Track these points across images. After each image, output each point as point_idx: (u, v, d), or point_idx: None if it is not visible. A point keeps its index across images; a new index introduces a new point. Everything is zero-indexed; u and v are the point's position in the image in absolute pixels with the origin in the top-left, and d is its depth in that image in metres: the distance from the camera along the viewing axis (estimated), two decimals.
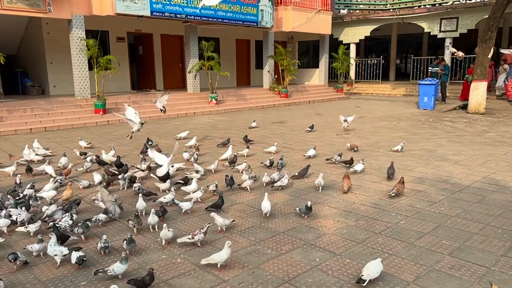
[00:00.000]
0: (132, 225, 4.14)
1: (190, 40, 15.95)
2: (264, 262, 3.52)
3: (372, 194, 5.35)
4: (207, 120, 12.99)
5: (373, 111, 15.06)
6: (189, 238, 3.80)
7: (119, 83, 15.89)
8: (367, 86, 23.54)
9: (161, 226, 3.95)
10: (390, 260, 3.53)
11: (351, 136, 9.79)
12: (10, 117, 11.09)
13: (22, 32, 14.97)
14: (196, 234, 3.80)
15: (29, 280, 3.27)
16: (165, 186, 5.43)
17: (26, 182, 5.70)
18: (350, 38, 23.10)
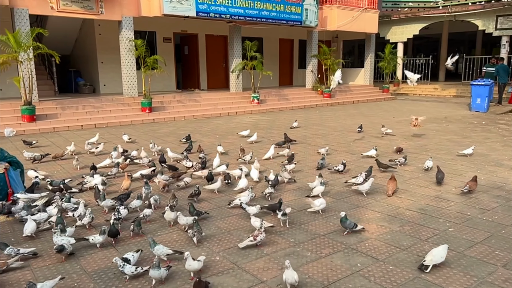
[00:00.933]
0: (191, 234, 3.84)
1: (234, 40, 16.09)
2: (303, 265, 3.45)
3: (419, 199, 5.12)
4: (249, 120, 13.03)
5: (420, 113, 14.41)
6: (251, 240, 3.73)
7: (165, 82, 16.33)
8: (414, 86, 22.64)
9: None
10: (437, 269, 3.34)
11: (396, 138, 9.45)
12: (64, 114, 11.70)
13: (77, 33, 15.76)
14: (258, 235, 3.75)
15: (76, 270, 3.40)
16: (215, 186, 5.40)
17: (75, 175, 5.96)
18: (398, 37, 22.35)
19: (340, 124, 11.89)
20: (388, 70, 20.73)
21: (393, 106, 17.16)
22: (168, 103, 13.96)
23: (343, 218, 4.04)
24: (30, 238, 4.00)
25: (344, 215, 4.05)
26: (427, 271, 3.20)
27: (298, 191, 5.50)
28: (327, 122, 12.28)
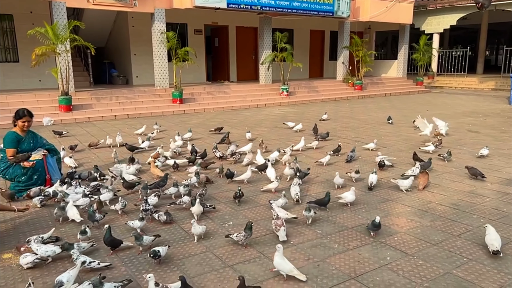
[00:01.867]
0: (244, 237, 3.58)
1: (264, 31, 16.03)
2: (330, 256, 3.43)
3: (452, 194, 4.97)
4: (277, 112, 13.00)
5: (456, 106, 14.00)
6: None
7: (195, 74, 16.50)
8: (450, 79, 21.92)
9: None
10: (469, 265, 3.25)
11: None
12: (98, 105, 12.06)
13: (111, 26, 16.15)
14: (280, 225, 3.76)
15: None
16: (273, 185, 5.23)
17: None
18: (434, 27, 21.59)
19: (371, 117, 11.67)
20: (422, 62, 20.11)
21: (427, 99, 16.66)
22: (198, 95, 14.12)
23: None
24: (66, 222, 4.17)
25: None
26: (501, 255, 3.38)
27: (326, 184, 5.46)
28: (357, 115, 12.07)
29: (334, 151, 6.90)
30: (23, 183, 4.91)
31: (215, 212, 4.42)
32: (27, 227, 4.06)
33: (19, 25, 13.31)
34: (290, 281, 3.04)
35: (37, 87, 13.52)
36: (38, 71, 12.19)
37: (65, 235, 3.84)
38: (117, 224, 4.13)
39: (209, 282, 3.04)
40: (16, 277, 3.10)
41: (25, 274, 3.14)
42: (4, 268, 3.25)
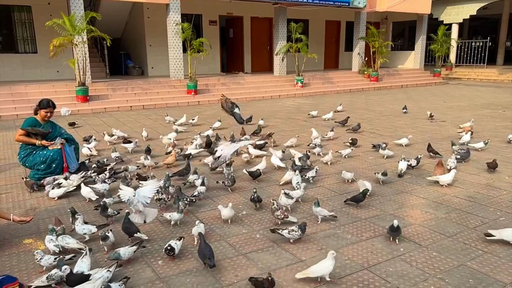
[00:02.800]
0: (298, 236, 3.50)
1: (279, 22, 15.93)
2: (343, 247, 3.44)
3: (468, 187, 4.90)
4: (292, 103, 12.95)
5: (474, 98, 13.73)
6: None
7: (210, 65, 16.52)
8: (469, 70, 21.45)
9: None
10: (484, 258, 3.22)
11: (447, 124, 9.04)
12: (114, 95, 12.21)
13: (127, 17, 16.26)
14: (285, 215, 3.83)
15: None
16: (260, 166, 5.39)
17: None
18: (453, 17, 21.10)
19: (387, 108, 11.53)
20: (440, 53, 19.72)
21: (445, 91, 16.37)
22: (213, 86, 14.16)
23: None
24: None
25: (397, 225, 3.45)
26: (489, 238, 3.45)
27: (339, 175, 5.44)
28: (373, 107, 11.95)
29: (351, 143, 6.88)
30: (42, 171, 5.03)
31: (230, 202, 4.46)
32: (46, 214, 4.17)
33: (37, 16, 13.51)
34: (302, 270, 3.06)
35: (55, 78, 13.74)
36: (56, 62, 12.39)
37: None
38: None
39: (223, 269, 3.09)
40: (36, 261, 3.20)
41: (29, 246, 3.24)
42: (25, 253, 3.36)
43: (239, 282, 2.93)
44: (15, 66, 13.59)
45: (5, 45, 13.66)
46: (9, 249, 3.42)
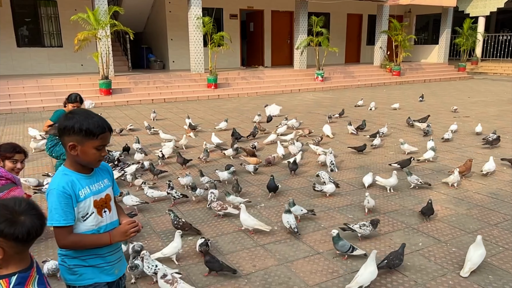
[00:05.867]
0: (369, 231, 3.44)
1: (300, 15, 15.83)
2: (361, 241, 3.45)
3: (490, 183, 4.82)
4: (311, 97, 12.90)
5: (501, 93, 13.36)
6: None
7: (230, 59, 16.58)
8: (495, 65, 20.84)
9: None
10: (505, 254, 3.18)
11: (471, 119, 8.85)
12: (136, 89, 12.42)
13: (149, 11, 16.45)
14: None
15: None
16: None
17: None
18: (479, 10, 20.48)
19: (409, 103, 11.36)
20: (465, 47, 19.23)
21: (469, 85, 15.98)
22: (233, 80, 14.22)
23: (335, 238, 3.17)
24: None
25: (337, 233, 3.18)
26: None
27: (359, 170, 5.43)
28: (394, 101, 11.76)
29: (370, 136, 6.89)
30: None
31: (248, 195, 4.52)
32: None
33: (63, 11, 13.83)
34: (319, 262, 3.10)
35: (79, 71, 14.06)
36: (80, 55, 12.68)
37: None
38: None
39: (241, 259, 3.15)
40: None
41: None
42: (52, 240, 3.50)
43: (256, 272, 2.98)
44: (41, 60, 13.97)
45: (32, 39, 14.05)
46: None
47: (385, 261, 2.96)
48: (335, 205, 4.23)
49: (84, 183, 1.77)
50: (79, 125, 1.69)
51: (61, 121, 1.72)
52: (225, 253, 3.24)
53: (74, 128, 1.69)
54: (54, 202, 1.69)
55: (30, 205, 1.46)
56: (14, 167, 3.44)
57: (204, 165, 5.64)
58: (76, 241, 1.75)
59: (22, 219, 1.41)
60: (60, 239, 1.72)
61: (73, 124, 1.69)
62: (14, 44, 13.48)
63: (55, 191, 1.69)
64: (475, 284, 2.80)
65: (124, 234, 1.82)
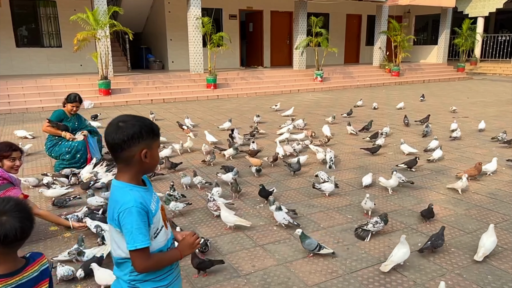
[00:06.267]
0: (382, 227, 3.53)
1: (299, 16, 15.85)
2: (360, 241, 3.45)
3: (489, 183, 4.82)
4: (311, 98, 12.91)
5: (500, 94, 13.39)
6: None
7: (229, 59, 16.59)
8: (494, 65, 20.87)
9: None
10: (504, 255, 3.18)
11: (470, 120, 8.86)
12: (135, 89, 12.42)
13: (148, 11, 16.46)
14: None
15: None
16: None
17: None
18: (478, 11, 20.50)
19: (408, 104, 11.35)
20: (464, 47, 19.25)
21: (468, 86, 16.00)
22: (232, 80, 14.22)
23: (302, 236, 3.23)
24: None
25: (301, 232, 3.25)
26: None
27: (359, 170, 5.43)
28: (393, 102, 11.79)
29: (370, 137, 6.89)
30: (67, 161, 5.20)
31: (247, 195, 4.52)
32: (73, 207, 4.32)
33: (62, 11, 13.83)
34: (318, 262, 3.10)
35: (79, 71, 14.06)
36: (80, 56, 12.68)
37: None
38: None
39: (240, 259, 3.15)
40: (61, 248, 3.34)
41: (68, 243, 3.37)
42: (51, 239, 3.50)
43: (256, 272, 2.98)
44: (40, 60, 13.96)
45: (31, 40, 14.04)
46: (36, 235, 3.57)
47: (429, 242, 3.19)
48: (334, 205, 4.24)
49: (148, 196, 1.61)
50: (145, 128, 1.56)
51: (116, 134, 1.53)
52: (224, 253, 3.24)
53: (142, 133, 1.54)
54: (135, 222, 1.50)
55: (18, 206, 1.41)
56: (13, 165, 3.45)
57: (201, 165, 5.64)
58: (157, 261, 1.59)
59: (3, 219, 1.36)
60: (143, 262, 1.53)
61: (139, 129, 1.54)
62: (13, 44, 13.48)
63: (135, 209, 1.50)
64: (474, 284, 2.81)
65: (191, 247, 1.70)
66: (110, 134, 1.55)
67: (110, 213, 1.56)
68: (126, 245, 1.51)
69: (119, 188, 1.57)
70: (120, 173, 1.60)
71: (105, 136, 1.57)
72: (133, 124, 1.55)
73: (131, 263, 1.55)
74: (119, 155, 1.56)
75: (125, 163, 1.57)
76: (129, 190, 1.55)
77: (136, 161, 1.57)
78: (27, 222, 1.41)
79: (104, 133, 1.59)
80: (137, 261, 1.53)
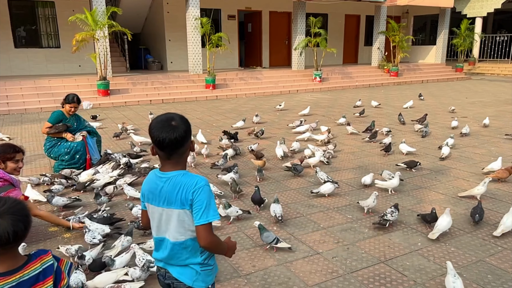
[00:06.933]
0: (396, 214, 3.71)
1: (298, 16, 15.85)
2: (360, 240, 3.45)
3: (489, 183, 4.80)
4: (309, 98, 12.91)
5: (498, 94, 13.41)
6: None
7: (228, 60, 16.59)
8: (493, 65, 20.91)
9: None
10: (503, 254, 3.19)
11: (468, 119, 8.88)
12: (134, 89, 12.40)
13: (147, 12, 16.44)
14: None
15: None
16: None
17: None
18: (476, 11, 20.55)
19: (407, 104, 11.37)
20: (463, 47, 19.28)
21: (467, 86, 16.03)
22: (231, 81, 14.22)
23: (260, 228, 3.30)
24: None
25: (258, 224, 3.33)
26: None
27: (358, 170, 5.44)
28: (392, 102, 11.81)
29: (370, 137, 6.90)
30: (66, 162, 5.19)
31: (247, 195, 4.52)
32: (72, 207, 4.31)
33: (60, 12, 13.81)
34: (319, 262, 3.10)
35: (77, 72, 14.04)
36: (78, 56, 12.65)
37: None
38: None
39: (241, 260, 3.15)
40: (60, 248, 3.34)
41: (68, 244, 3.36)
42: (51, 240, 3.50)
43: (256, 272, 2.98)
44: (39, 61, 13.94)
45: (30, 40, 14.01)
46: (36, 236, 3.56)
47: (477, 215, 3.66)
48: (334, 205, 4.24)
49: None
50: (188, 122, 1.76)
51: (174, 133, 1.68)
52: None
53: (190, 127, 1.76)
54: (209, 198, 1.70)
55: (13, 208, 1.40)
56: (16, 167, 3.46)
57: (199, 166, 5.64)
58: (216, 241, 1.78)
59: None
60: (209, 235, 1.71)
61: (188, 124, 1.75)
62: (11, 45, 13.46)
63: (207, 187, 1.71)
64: (474, 283, 2.81)
65: (233, 251, 1.92)
66: (168, 134, 1.67)
67: (177, 198, 1.69)
68: (198, 219, 1.67)
69: (182, 174, 1.73)
70: (173, 165, 1.75)
71: (161, 137, 1.68)
72: (183, 121, 1.73)
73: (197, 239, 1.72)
74: (178, 150, 1.72)
75: (180, 156, 1.75)
76: (193, 174, 1.75)
77: (187, 151, 1.78)
78: (21, 224, 1.40)
79: (158, 136, 1.68)
80: (204, 235, 1.69)
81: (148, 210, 1.83)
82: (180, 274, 1.79)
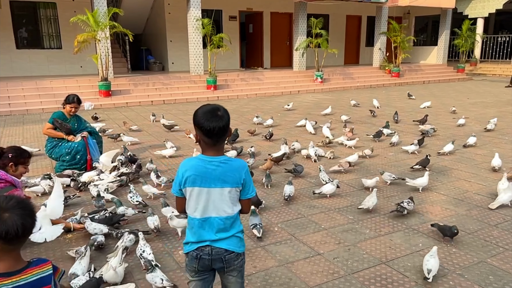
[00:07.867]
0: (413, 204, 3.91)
1: (299, 17, 15.86)
2: (361, 241, 3.45)
3: (491, 184, 4.82)
4: (311, 99, 12.91)
5: (499, 95, 13.39)
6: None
7: (229, 61, 16.60)
8: (494, 66, 20.89)
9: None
10: (505, 255, 3.18)
11: (470, 120, 8.86)
12: (136, 90, 12.42)
13: (148, 13, 16.46)
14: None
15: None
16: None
17: None
18: (478, 12, 20.53)
19: (408, 104, 11.37)
20: (464, 48, 19.25)
21: (468, 87, 16.01)
22: (232, 81, 14.23)
23: (253, 211, 3.60)
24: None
25: (253, 208, 3.60)
26: None
27: (359, 171, 5.43)
28: (393, 102, 11.81)
29: (374, 136, 6.93)
30: (67, 162, 5.20)
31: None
32: (73, 207, 4.32)
33: (62, 13, 13.84)
34: (320, 263, 3.10)
35: (79, 73, 14.06)
36: (80, 57, 12.68)
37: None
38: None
39: None
40: (63, 248, 3.34)
41: (69, 244, 3.37)
42: (52, 242, 3.49)
43: (257, 273, 2.98)
44: (40, 62, 13.97)
45: (31, 41, 14.05)
46: None
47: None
48: (335, 206, 4.23)
49: None
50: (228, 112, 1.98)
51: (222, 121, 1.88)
52: None
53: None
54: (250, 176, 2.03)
55: (20, 204, 1.42)
56: (24, 172, 3.52)
57: None
58: None
59: (5, 216, 1.37)
60: (249, 207, 2.14)
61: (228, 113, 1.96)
62: (13, 46, 13.49)
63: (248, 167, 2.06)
64: (476, 284, 2.81)
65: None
66: (218, 123, 1.87)
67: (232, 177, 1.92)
68: (246, 195, 1.99)
69: (231, 159, 1.98)
70: (217, 151, 1.95)
71: (211, 126, 1.86)
72: (225, 111, 1.94)
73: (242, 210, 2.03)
74: (224, 137, 1.93)
75: (223, 142, 1.96)
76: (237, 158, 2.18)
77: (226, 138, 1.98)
78: (29, 219, 1.43)
79: (209, 125, 1.86)
80: (249, 205, 2.11)
81: (190, 194, 1.95)
82: (229, 245, 1.98)
